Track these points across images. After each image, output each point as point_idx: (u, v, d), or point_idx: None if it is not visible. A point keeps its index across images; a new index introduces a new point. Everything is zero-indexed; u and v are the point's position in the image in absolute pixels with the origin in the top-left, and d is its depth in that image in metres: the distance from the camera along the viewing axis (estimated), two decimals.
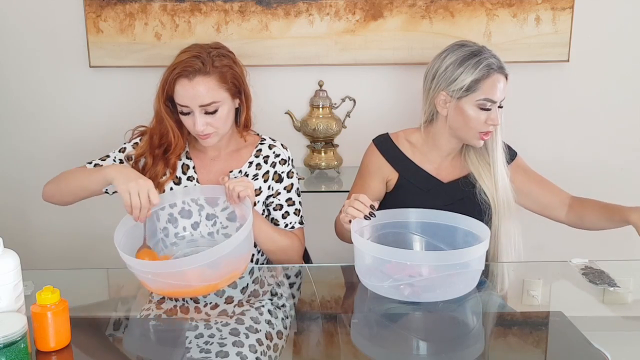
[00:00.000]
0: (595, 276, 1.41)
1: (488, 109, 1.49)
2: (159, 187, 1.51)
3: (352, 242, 1.38)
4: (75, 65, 2.23)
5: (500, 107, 1.52)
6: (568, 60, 2.20)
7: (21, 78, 2.26)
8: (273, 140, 1.62)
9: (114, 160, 1.56)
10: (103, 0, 2.15)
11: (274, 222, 1.58)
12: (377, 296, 1.31)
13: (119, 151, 1.58)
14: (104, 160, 1.57)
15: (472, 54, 1.50)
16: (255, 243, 1.58)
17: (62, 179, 1.53)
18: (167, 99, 1.48)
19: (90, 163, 1.56)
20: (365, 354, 1.16)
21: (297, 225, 1.59)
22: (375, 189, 1.62)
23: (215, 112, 1.44)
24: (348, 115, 2.23)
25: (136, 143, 1.57)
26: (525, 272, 1.46)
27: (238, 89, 1.50)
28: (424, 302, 1.26)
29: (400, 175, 1.61)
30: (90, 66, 2.21)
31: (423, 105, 1.61)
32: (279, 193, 1.58)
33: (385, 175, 1.62)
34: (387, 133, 1.67)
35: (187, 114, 1.46)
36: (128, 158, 1.56)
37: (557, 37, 2.18)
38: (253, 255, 1.58)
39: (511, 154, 1.64)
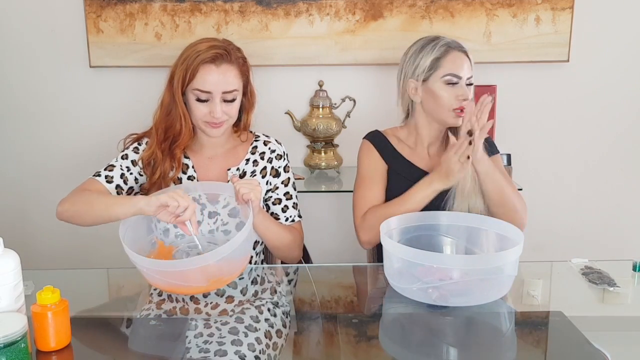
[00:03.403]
0: (595, 276, 1.41)
1: (455, 83, 1.55)
2: (167, 185, 1.53)
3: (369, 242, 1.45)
4: (75, 65, 2.24)
5: (469, 84, 1.56)
6: (568, 60, 2.20)
7: (21, 78, 2.27)
8: (267, 136, 1.64)
9: (121, 169, 1.53)
10: (103, 0, 2.15)
11: (274, 216, 1.60)
12: (377, 296, 1.31)
13: (122, 158, 1.55)
14: (111, 170, 1.52)
15: (429, 40, 1.59)
16: (255, 244, 1.59)
17: (80, 203, 1.44)
18: (184, 87, 1.48)
19: (99, 176, 1.51)
20: (364, 354, 1.16)
21: (296, 219, 1.61)
22: (382, 180, 1.64)
23: (232, 100, 1.49)
24: (348, 115, 2.23)
25: (136, 148, 1.57)
26: (525, 272, 1.46)
27: (247, 84, 1.54)
28: (426, 304, 1.26)
29: (390, 167, 1.64)
30: (90, 66, 2.21)
31: (399, 102, 1.68)
32: (277, 187, 1.59)
33: (385, 166, 1.65)
34: (377, 129, 1.71)
35: (205, 101, 1.47)
36: (134, 163, 1.55)
37: (557, 37, 2.18)
38: (251, 257, 1.58)
39: (492, 150, 1.64)
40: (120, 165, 1.54)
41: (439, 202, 1.54)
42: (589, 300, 1.37)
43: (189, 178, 1.56)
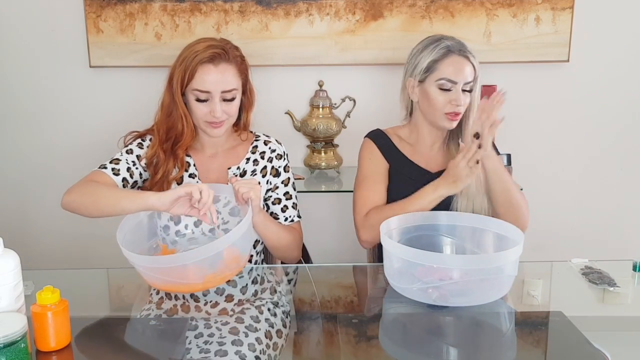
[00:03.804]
0: (595, 276, 1.41)
1: (448, 90, 1.54)
2: (169, 184, 1.53)
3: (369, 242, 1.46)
4: (75, 65, 2.24)
5: (467, 90, 1.55)
6: (568, 60, 2.20)
7: (22, 78, 2.27)
8: (267, 136, 1.64)
9: (127, 163, 1.53)
10: (103, 0, 2.15)
11: (274, 215, 1.60)
12: (377, 296, 1.30)
13: (127, 153, 1.55)
14: (117, 163, 1.51)
15: (433, 41, 1.58)
16: (255, 243, 1.59)
17: (87, 194, 1.42)
18: (184, 87, 1.48)
19: (105, 168, 1.50)
20: (364, 354, 1.16)
21: (295, 219, 1.61)
22: (384, 179, 1.63)
23: (232, 99, 1.49)
24: (348, 115, 2.23)
25: (140, 144, 1.57)
26: (525, 272, 1.46)
27: (246, 83, 1.54)
28: (426, 304, 1.26)
29: (391, 166, 1.64)
30: (90, 66, 2.22)
31: (400, 98, 1.68)
32: (277, 187, 1.59)
33: (386, 165, 1.65)
34: (379, 128, 1.71)
35: (204, 100, 1.47)
36: (139, 158, 1.55)
37: (557, 37, 2.18)
38: (252, 256, 1.59)
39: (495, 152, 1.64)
40: (126, 160, 1.54)
41: (445, 202, 1.53)
42: (589, 300, 1.37)
43: (190, 176, 1.57)
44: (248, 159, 1.59)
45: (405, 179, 1.61)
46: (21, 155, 2.33)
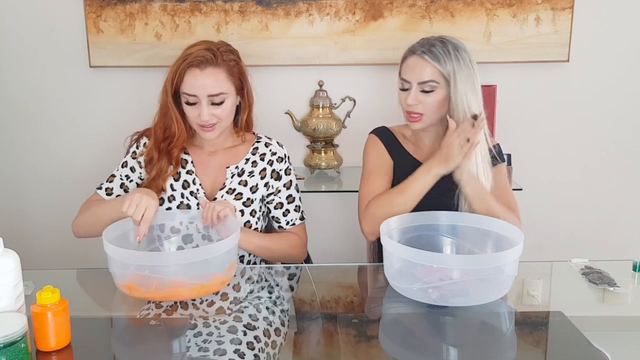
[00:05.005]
0: (595, 276, 1.41)
1: (404, 89, 1.56)
2: (163, 181, 1.54)
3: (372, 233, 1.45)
4: (75, 65, 2.24)
5: (424, 91, 1.51)
6: (568, 60, 2.20)
7: (21, 78, 2.27)
8: (269, 138, 1.65)
9: (121, 178, 1.58)
10: (103, 0, 2.15)
11: (275, 220, 1.60)
12: (377, 296, 1.30)
13: (122, 167, 1.60)
14: (111, 181, 1.58)
15: (415, 42, 1.58)
16: None
17: (87, 215, 1.53)
18: (175, 91, 1.50)
19: (100, 189, 1.58)
20: (364, 354, 1.16)
21: (297, 222, 1.61)
22: (388, 175, 1.63)
23: (221, 103, 1.49)
24: (348, 115, 2.23)
25: (134, 152, 1.59)
26: (525, 272, 1.46)
27: (242, 86, 1.54)
28: (426, 304, 1.26)
29: (395, 163, 1.64)
30: (90, 66, 2.22)
31: None
32: (279, 191, 1.59)
33: (391, 161, 1.65)
34: (384, 126, 1.71)
35: (193, 104, 1.48)
36: (132, 169, 1.59)
37: (557, 37, 2.18)
38: (243, 256, 1.58)
39: (499, 158, 1.63)
40: (120, 175, 1.59)
41: (450, 202, 1.53)
42: (589, 300, 1.37)
43: (188, 173, 1.57)
44: (247, 160, 1.59)
45: (408, 176, 1.61)
46: (21, 155, 2.33)
